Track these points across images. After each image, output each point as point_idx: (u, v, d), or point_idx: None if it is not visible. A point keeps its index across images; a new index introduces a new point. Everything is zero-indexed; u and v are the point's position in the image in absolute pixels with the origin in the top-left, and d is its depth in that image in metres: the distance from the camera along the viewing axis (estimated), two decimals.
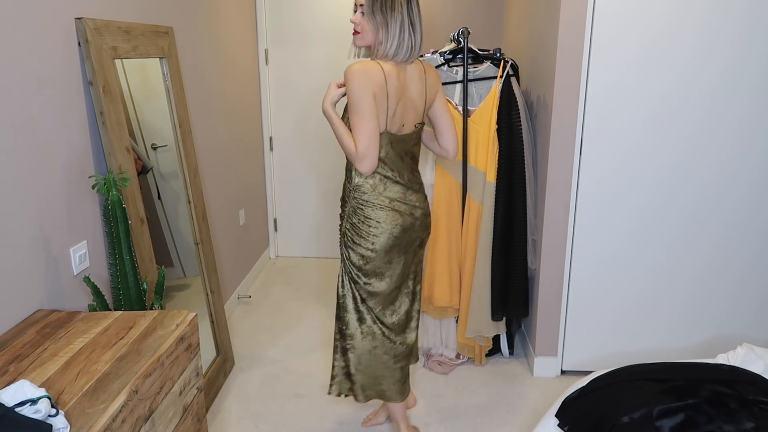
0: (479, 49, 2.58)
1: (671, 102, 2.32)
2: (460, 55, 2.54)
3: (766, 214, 2.43)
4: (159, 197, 2.40)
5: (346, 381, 2.08)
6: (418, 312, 2.12)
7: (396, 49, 1.78)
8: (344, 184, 1.97)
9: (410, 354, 2.12)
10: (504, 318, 2.70)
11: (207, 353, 2.52)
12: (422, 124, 1.97)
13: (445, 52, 2.59)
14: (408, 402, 2.33)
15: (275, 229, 4.21)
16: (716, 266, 2.50)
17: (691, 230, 2.46)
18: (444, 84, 2.54)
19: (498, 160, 2.52)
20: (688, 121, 2.34)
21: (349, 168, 1.92)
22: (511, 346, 2.83)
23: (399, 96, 1.81)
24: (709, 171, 2.39)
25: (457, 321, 2.74)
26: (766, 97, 2.29)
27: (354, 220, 1.90)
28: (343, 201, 1.98)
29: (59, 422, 1.09)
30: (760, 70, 2.27)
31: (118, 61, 1.99)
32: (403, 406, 2.17)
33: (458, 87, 2.56)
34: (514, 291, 2.65)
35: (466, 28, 2.51)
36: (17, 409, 1.07)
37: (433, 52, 2.64)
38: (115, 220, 1.73)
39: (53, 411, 1.10)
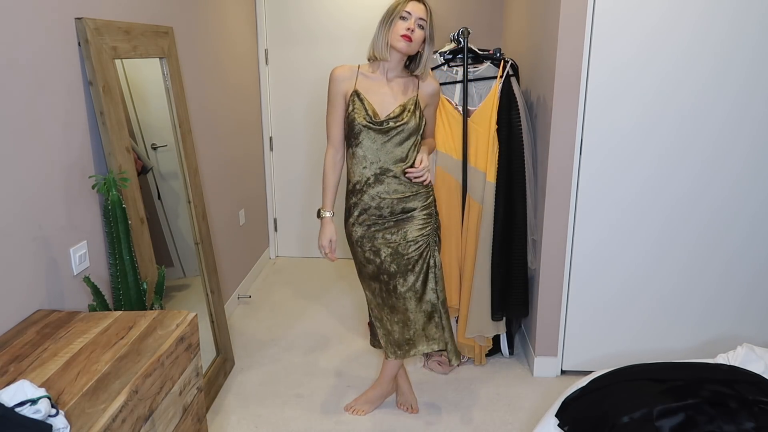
0: (479, 49, 2.58)
1: (672, 102, 2.32)
2: (460, 55, 2.54)
3: None
4: (159, 197, 2.39)
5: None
6: None
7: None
8: (401, 191, 2.11)
9: None
10: (504, 318, 2.70)
11: (207, 353, 2.52)
12: None
13: (445, 52, 2.59)
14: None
15: (275, 229, 4.21)
16: (716, 266, 2.50)
17: (692, 229, 2.46)
18: (444, 84, 2.55)
19: (498, 160, 2.52)
20: (691, 122, 2.34)
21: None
22: (511, 346, 2.83)
23: None
24: (715, 173, 2.39)
25: (457, 321, 2.74)
26: None
27: (434, 208, 2.21)
28: (407, 199, 2.13)
29: (59, 422, 1.09)
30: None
31: (118, 61, 1.99)
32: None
33: (458, 87, 2.56)
34: (514, 291, 2.65)
35: (466, 28, 2.51)
36: (17, 409, 1.07)
37: (434, 52, 2.64)
38: (115, 220, 1.73)
39: (53, 411, 1.10)
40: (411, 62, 2.08)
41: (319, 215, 2.17)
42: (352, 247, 2.19)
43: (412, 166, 2.08)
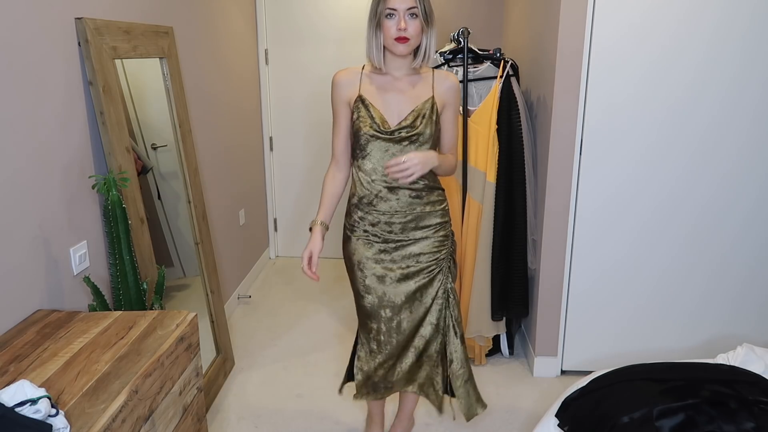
0: (479, 49, 2.58)
1: (672, 102, 2.32)
2: (460, 55, 2.54)
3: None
4: (159, 197, 2.40)
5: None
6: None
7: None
8: (417, 205, 1.84)
9: None
10: (504, 318, 2.70)
11: (207, 353, 2.52)
12: None
13: (445, 52, 2.59)
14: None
15: (275, 229, 4.21)
16: (716, 266, 2.50)
17: (692, 230, 2.46)
18: None
19: (498, 160, 2.52)
20: (690, 122, 2.34)
21: (437, 187, 1.91)
22: (511, 346, 2.83)
23: None
24: (713, 172, 2.39)
25: None
26: None
27: (450, 228, 1.95)
28: (422, 216, 1.86)
29: (59, 422, 1.09)
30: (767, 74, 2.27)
31: (118, 61, 1.99)
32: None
33: None
34: (514, 291, 2.65)
35: (466, 28, 2.51)
36: (17, 409, 1.07)
37: (435, 52, 2.64)
38: (115, 220, 1.73)
39: (53, 411, 1.10)
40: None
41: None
42: (351, 271, 1.92)
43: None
